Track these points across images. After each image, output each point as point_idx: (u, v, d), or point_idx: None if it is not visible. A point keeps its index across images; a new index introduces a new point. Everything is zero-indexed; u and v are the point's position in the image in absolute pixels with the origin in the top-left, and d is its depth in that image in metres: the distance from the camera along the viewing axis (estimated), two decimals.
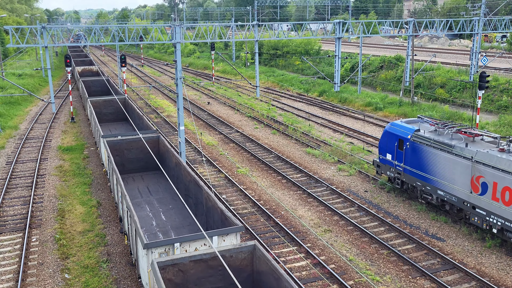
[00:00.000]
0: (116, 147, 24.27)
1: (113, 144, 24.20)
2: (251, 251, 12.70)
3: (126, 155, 24.52)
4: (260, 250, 12.42)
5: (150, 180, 23.44)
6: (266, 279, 12.11)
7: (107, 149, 22.48)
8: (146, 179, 23.59)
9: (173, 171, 22.09)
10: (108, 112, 36.72)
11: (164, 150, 23.98)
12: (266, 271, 12.04)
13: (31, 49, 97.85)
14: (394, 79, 52.26)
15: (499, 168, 17.62)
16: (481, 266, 17.34)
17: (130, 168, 24.58)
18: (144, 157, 24.61)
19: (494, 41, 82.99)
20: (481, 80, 28.06)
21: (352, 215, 21.70)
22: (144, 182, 23.15)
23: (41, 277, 16.86)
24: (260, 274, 12.52)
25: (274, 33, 50.04)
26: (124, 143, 24.45)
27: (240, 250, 12.59)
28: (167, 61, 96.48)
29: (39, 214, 22.24)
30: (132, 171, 24.61)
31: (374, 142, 32.86)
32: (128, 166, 24.57)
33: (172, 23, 27.08)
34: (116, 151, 24.26)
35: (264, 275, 12.23)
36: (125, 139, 24.61)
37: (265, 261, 12.10)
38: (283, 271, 11.21)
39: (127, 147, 24.51)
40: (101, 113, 36.35)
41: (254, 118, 41.63)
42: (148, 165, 24.66)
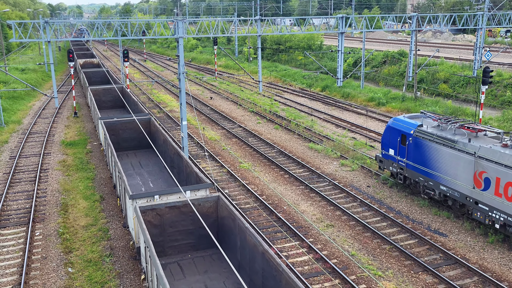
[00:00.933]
0: (112, 127, 27.07)
1: (109, 125, 26.98)
2: (216, 201, 15.81)
3: (121, 135, 27.35)
4: (223, 200, 15.35)
5: (142, 156, 26.37)
6: (227, 222, 15.20)
7: (104, 129, 25.34)
8: (139, 155, 26.53)
9: (161, 147, 24.99)
10: (107, 100, 39.23)
11: (155, 130, 26.84)
12: (227, 216, 15.07)
13: (34, 44, 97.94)
14: (397, 74, 52.11)
15: (502, 163, 17.59)
16: (483, 262, 17.35)
17: (125, 146, 27.44)
18: (137, 136, 27.48)
19: (498, 36, 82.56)
20: (485, 75, 27.95)
21: (354, 210, 21.72)
22: (137, 158, 26.05)
23: (45, 271, 16.97)
24: (223, 219, 15.57)
25: (277, 28, 49.91)
26: (119, 124, 27.26)
27: (206, 200, 15.69)
28: (169, 56, 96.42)
29: (42, 208, 22.34)
30: (126, 148, 27.48)
31: (377, 137, 32.82)
32: (123, 144, 27.44)
33: (175, 17, 27.10)
34: (112, 131, 27.04)
35: (226, 219, 15.29)
36: (120, 120, 27.42)
37: (226, 208, 15.01)
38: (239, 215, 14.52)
39: (122, 128, 27.34)
40: (100, 101, 38.72)
41: (256, 113, 41.61)
42: (141, 143, 27.59)
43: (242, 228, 13.75)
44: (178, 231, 15.46)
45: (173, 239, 15.52)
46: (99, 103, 38.18)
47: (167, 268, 14.95)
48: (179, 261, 15.28)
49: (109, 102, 39.39)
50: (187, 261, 15.30)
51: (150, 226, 14.94)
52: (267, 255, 12.23)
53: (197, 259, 15.38)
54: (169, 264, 15.08)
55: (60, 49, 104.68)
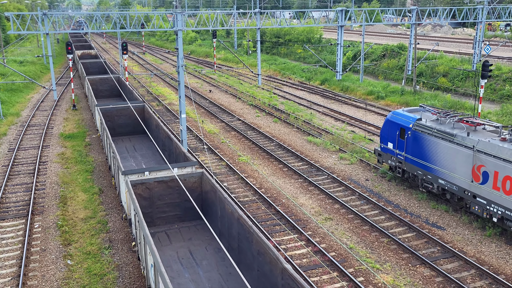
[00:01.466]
0: (108, 113, 28.51)
1: (105, 111, 28.38)
2: (200, 176, 17.47)
3: (116, 121, 28.83)
4: (206, 175, 17.08)
5: (136, 141, 27.98)
6: (210, 195, 16.76)
7: (100, 115, 26.75)
8: (133, 140, 28.10)
9: (154, 132, 26.64)
10: (104, 89, 40.53)
11: (148, 116, 28.39)
12: (210, 189, 16.63)
13: (32, 36, 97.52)
14: (397, 67, 52.05)
15: (501, 157, 17.63)
16: (480, 255, 17.44)
17: (120, 132, 29.03)
18: (131, 122, 29.05)
19: (498, 29, 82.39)
20: (484, 69, 27.93)
21: (353, 203, 21.78)
22: (131, 143, 27.64)
23: (44, 263, 17.02)
24: (206, 193, 17.16)
25: (276, 21, 49.77)
26: (114, 111, 28.67)
27: (192, 175, 17.35)
28: (168, 48, 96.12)
29: (41, 201, 22.36)
30: (121, 134, 29.08)
31: (376, 131, 32.84)
32: (118, 130, 28.98)
33: (174, 10, 27.05)
34: (108, 117, 28.46)
35: (209, 193, 16.87)
36: (116, 107, 28.82)
37: (210, 183, 16.59)
38: (220, 188, 15.82)
39: (117, 114, 28.77)
40: (97, 90, 39.98)
41: (255, 107, 41.58)
42: (135, 129, 29.16)
43: (222, 199, 15.39)
44: (166, 204, 17.17)
45: (161, 210, 17.20)
46: (96, 92, 39.46)
47: (156, 236, 16.53)
48: (166, 230, 16.89)
49: (106, 92, 40.56)
50: (173, 230, 16.89)
51: (140, 199, 16.67)
52: (241, 220, 13.72)
53: (182, 228, 17.01)
54: (157, 233, 16.69)
55: (58, 42, 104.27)
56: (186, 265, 14.60)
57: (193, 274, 14.11)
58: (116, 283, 15.78)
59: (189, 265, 14.62)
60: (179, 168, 17.80)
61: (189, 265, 14.64)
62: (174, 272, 14.29)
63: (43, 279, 16.08)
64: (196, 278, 13.88)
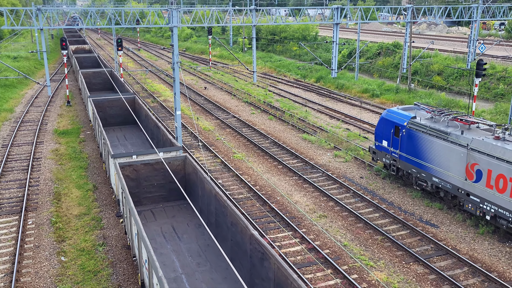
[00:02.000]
0: (100, 104, 29.81)
1: (97, 102, 29.70)
2: (184, 160, 18.93)
3: (108, 112, 30.11)
4: (189, 159, 18.61)
5: (127, 131, 29.34)
6: (192, 177, 18.37)
7: (92, 106, 28.13)
8: (124, 130, 29.51)
9: (144, 122, 27.93)
10: (97, 82, 41.71)
11: (138, 107, 29.73)
12: (192, 171, 18.28)
13: (26, 32, 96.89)
14: (392, 66, 52.16)
15: (494, 155, 17.73)
16: (473, 252, 17.55)
17: (111, 122, 30.40)
18: (122, 113, 30.41)
19: (492, 28, 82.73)
20: (478, 68, 28.04)
21: (347, 201, 21.84)
22: (122, 132, 29.02)
23: (37, 260, 16.96)
24: (189, 175, 18.72)
25: (272, 18, 49.74)
26: (106, 102, 29.95)
27: (175, 159, 18.76)
28: (164, 45, 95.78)
29: (35, 197, 22.26)
30: (113, 124, 30.48)
31: (371, 129, 32.92)
32: (110, 120, 30.34)
33: (169, 6, 26.87)
34: (100, 108, 29.73)
35: (191, 174, 18.45)
36: (108, 98, 30.11)
37: (192, 166, 18.21)
38: (200, 169, 17.45)
39: (109, 105, 30.03)
40: (90, 83, 41.04)
41: (250, 104, 41.55)
42: (126, 119, 30.50)
43: (202, 179, 16.89)
44: (152, 185, 18.57)
45: (147, 191, 18.59)
46: (89, 85, 40.68)
47: (142, 214, 17.90)
48: (152, 209, 18.36)
49: (99, 85, 41.71)
50: (158, 209, 18.36)
51: (128, 180, 18.07)
52: (218, 196, 15.28)
53: (167, 207, 18.46)
54: (143, 211, 18.08)
55: (53, 37, 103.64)
56: (169, 238, 16.05)
57: (175, 245, 15.62)
58: (110, 279, 15.75)
59: (171, 238, 16.09)
60: (165, 152, 19.20)
61: (171, 238, 16.12)
62: (158, 244, 15.75)
63: (36, 275, 16.02)
64: (177, 249, 15.36)
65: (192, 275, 13.96)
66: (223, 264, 14.38)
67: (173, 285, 13.48)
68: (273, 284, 11.55)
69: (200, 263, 14.58)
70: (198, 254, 15.07)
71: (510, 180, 17.16)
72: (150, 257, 11.72)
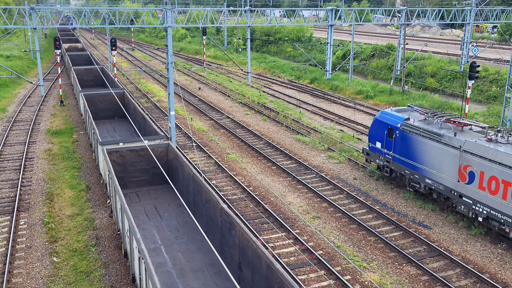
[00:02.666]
0: (91, 99, 31.55)
1: (88, 97, 31.45)
2: (167, 147, 20.75)
3: (98, 106, 31.81)
4: (172, 146, 20.38)
5: (116, 124, 31.07)
6: (174, 163, 20.17)
7: (84, 100, 29.88)
8: (114, 123, 31.23)
9: (133, 116, 29.64)
10: (89, 79, 43.00)
11: (128, 102, 31.30)
12: (174, 157, 20.04)
13: (20, 31, 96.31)
14: (385, 67, 52.36)
15: (487, 157, 17.83)
16: (466, 254, 17.64)
17: (102, 115, 32.17)
18: (112, 107, 32.04)
19: (485, 31, 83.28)
20: (471, 70, 28.21)
21: (340, 202, 21.88)
22: (112, 125, 30.74)
23: (29, 260, 16.84)
24: (171, 161, 20.56)
25: (266, 19, 49.76)
26: (97, 96, 31.74)
27: (159, 146, 20.58)
28: (158, 45, 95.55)
29: (27, 197, 22.11)
30: (103, 118, 32.21)
31: (364, 130, 33.01)
32: (100, 114, 32.09)
33: (164, 6, 26.91)
34: (91, 102, 31.47)
35: (173, 160, 20.25)
36: (98, 92, 31.89)
37: (174, 152, 19.85)
38: (181, 155, 19.34)
39: (99, 99, 31.75)
40: (82, 80, 42.37)
41: (245, 104, 41.54)
42: (116, 113, 32.19)
43: (183, 164, 18.55)
44: (137, 170, 20.30)
45: (133, 175, 20.30)
46: (81, 82, 42.01)
47: (127, 196, 19.47)
48: (136, 192, 20.05)
49: (90, 81, 42.96)
50: (143, 192, 20.08)
51: (115, 164, 19.77)
52: (195, 178, 17.01)
53: (150, 190, 20.20)
54: (129, 194, 19.73)
55: (46, 37, 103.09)
56: (151, 217, 17.80)
57: (156, 222, 17.42)
58: (103, 280, 15.67)
59: (153, 217, 17.81)
60: (149, 140, 20.74)
61: (153, 216, 17.85)
62: (140, 221, 17.54)
63: (28, 276, 15.91)
64: (158, 225, 17.14)
65: (170, 246, 15.78)
66: (199, 237, 16.19)
67: (153, 253, 15.23)
68: (238, 249, 13.33)
69: (178, 236, 16.37)
70: (176, 229, 16.86)
71: (502, 182, 17.28)
72: (130, 224, 13.14)
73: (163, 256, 14.99)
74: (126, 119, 31.80)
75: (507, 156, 17.12)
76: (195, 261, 14.81)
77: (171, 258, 14.94)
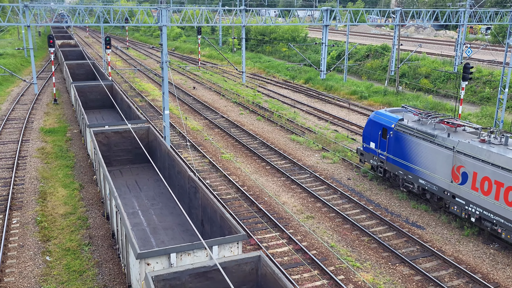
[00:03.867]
0: (81, 89, 33.52)
1: (79, 88, 33.43)
2: (147, 130, 23.14)
3: (88, 96, 33.81)
4: (152, 129, 22.75)
5: (105, 113, 32.97)
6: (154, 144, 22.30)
7: (75, 91, 32.05)
8: (102, 113, 33.19)
9: (120, 105, 31.53)
10: (80, 73, 44.70)
11: (116, 92, 33.22)
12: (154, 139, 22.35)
13: (13, 28, 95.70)
14: (380, 68, 52.52)
15: (480, 158, 17.94)
16: (458, 254, 17.73)
17: (91, 105, 34.12)
18: (101, 98, 34.18)
19: (479, 33, 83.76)
20: (465, 71, 28.36)
21: (334, 202, 21.93)
22: (101, 114, 32.69)
23: (22, 259, 16.74)
24: (151, 142, 22.81)
25: (261, 19, 49.76)
26: (87, 87, 33.74)
27: (140, 129, 22.95)
28: (152, 44, 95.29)
29: (20, 196, 21.98)
30: (93, 107, 34.27)
31: (358, 131, 33.10)
32: (90, 104, 34.03)
33: (159, 5, 26.84)
34: (82, 93, 33.46)
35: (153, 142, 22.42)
36: (88, 84, 33.95)
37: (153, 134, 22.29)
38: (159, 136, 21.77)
39: (89, 90, 33.77)
40: (74, 74, 43.92)
41: (239, 104, 41.53)
42: (105, 103, 34.42)
43: (160, 143, 21.06)
44: (120, 149, 22.50)
45: (117, 155, 22.58)
46: (73, 76, 43.59)
47: (111, 173, 21.90)
48: (120, 169, 22.46)
49: (82, 75, 44.68)
50: (126, 169, 22.48)
51: (101, 145, 22.12)
52: (170, 154, 19.41)
53: (133, 168, 22.63)
54: (113, 171, 22.24)
55: (40, 35, 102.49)
56: (132, 189, 20.17)
57: (136, 193, 19.77)
58: (96, 280, 15.62)
59: (134, 189, 20.16)
60: (132, 124, 23.19)
61: (134, 188, 20.20)
62: (122, 192, 19.78)
63: (20, 275, 15.82)
64: (137, 195, 19.57)
65: (146, 211, 18.23)
66: (172, 203, 18.76)
67: (131, 216, 17.64)
68: (201, 208, 15.75)
69: (154, 204, 18.82)
70: (153, 198, 19.33)
71: (495, 183, 17.39)
72: (110, 187, 15.33)
73: (139, 218, 17.55)
74: (114, 109, 33.81)
75: (500, 157, 17.23)
76: (167, 222, 17.25)
77: (146, 220, 17.44)
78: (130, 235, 12.16)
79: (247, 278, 11.50)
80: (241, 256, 11.33)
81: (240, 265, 11.32)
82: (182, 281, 10.84)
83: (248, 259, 11.36)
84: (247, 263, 11.38)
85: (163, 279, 10.60)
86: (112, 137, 22.23)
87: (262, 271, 11.43)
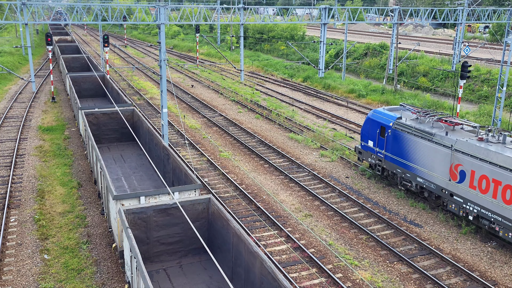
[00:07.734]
0: (75, 80, 36.55)
1: (74, 78, 36.45)
2: (132, 111, 26.02)
3: (82, 86, 36.83)
4: (136, 111, 25.57)
5: (97, 101, 36.00)
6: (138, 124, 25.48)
7: (70, 81, 35.21)
8: (95, 101, 36.05)
9: (111, 93, 34.17)
10: (76, 66, 47.21)
11: (107, 82, 36.06)
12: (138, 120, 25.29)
13: (11, 26, 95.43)
14: (378, 66, 52.54)
15: (477, 157, 17.97)
16: (456, 252, 17.78)
17: (85, 95, 37.12)
18: (94, 87, 37.28)
19: (477, 31, 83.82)
20: (463, 70, 28.39)
21: (332, 200, 21.95)
22: (93, 102, 35.62)
23: (20, 258, 16.73)
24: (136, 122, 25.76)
25: (260, 17, 49.73)
26: (81, 78, 36.83)
27: (126, 111, 25.81)
28: (151, 42, 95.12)
29: (18, 194, 21.96)
30: (87, 96, 37.20)
31: (357, 129, 33.12)
32: (84, 93, 37.04)
33: (157, 3, 26.77)
34: (76, 83, 36.52)
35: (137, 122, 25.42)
36: (82, 75, 36.97)
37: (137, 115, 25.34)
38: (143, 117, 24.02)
39: (83, 80, 36.93)
40: (70, 67, 46.49)
41: (237, 102, 41.51)
42: (97, 92, 37.50)
43: (142, 122, 24.32)
44: (108, 129, 25.54)
45: (105, 133, 25.60)
46: (69, 69, 46.03)
47: (101, 149, 24.81)
48: (108, 146, 25.36)
49: (77, 68, 47.23)
50: (113, 146, 25.46)
51: (91, 124, 24.93)
52: (149, 130, 22.47)
53: (119, 145, 25.64)
54: (102, 147, 25.14)
55: (38, 33, 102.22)
56: (117, 161, 22.91)
57: (120, 164, 22.60)
58: (94, 278, 15.62)
59: (119, 161, 22.84)
60: (119, 106, 26.23)
61: (119, 161, 22.85)
62: (108, 163, 22.63)
63: (18, 273, 15.81)
64: (122, 166, 22.40)
65: (128, 177, 21.03)
66: (150, 172, 21.68)
67: (115, 182, 20.37)
68: (172, 174, 18.67)
69: (135, 172, 21.68)
70: (135, 168, 22.17)
71: (492, 181, 17.43)
72: (96, 154, 17.97)
73: (122, 182, 20.39)
74: (106, 98, 36.62)
75: (498, 155, 17.27)
76: (145, 185, 20.26)
77: (128, 184, 20.28)
78: (109, 183, 14.96)
79: (200, 215, 14.57)
80: (195, 198, 14.37)
81: (194, 205, 14.36)
82: (147, 215, 13.80)
83: (201, 200, 14.44)
84: (200, 203, 14.44)
85: (133, 212, 13.59)
86: (101, 118, 25.19)
87: (212, 209, 14.50)
